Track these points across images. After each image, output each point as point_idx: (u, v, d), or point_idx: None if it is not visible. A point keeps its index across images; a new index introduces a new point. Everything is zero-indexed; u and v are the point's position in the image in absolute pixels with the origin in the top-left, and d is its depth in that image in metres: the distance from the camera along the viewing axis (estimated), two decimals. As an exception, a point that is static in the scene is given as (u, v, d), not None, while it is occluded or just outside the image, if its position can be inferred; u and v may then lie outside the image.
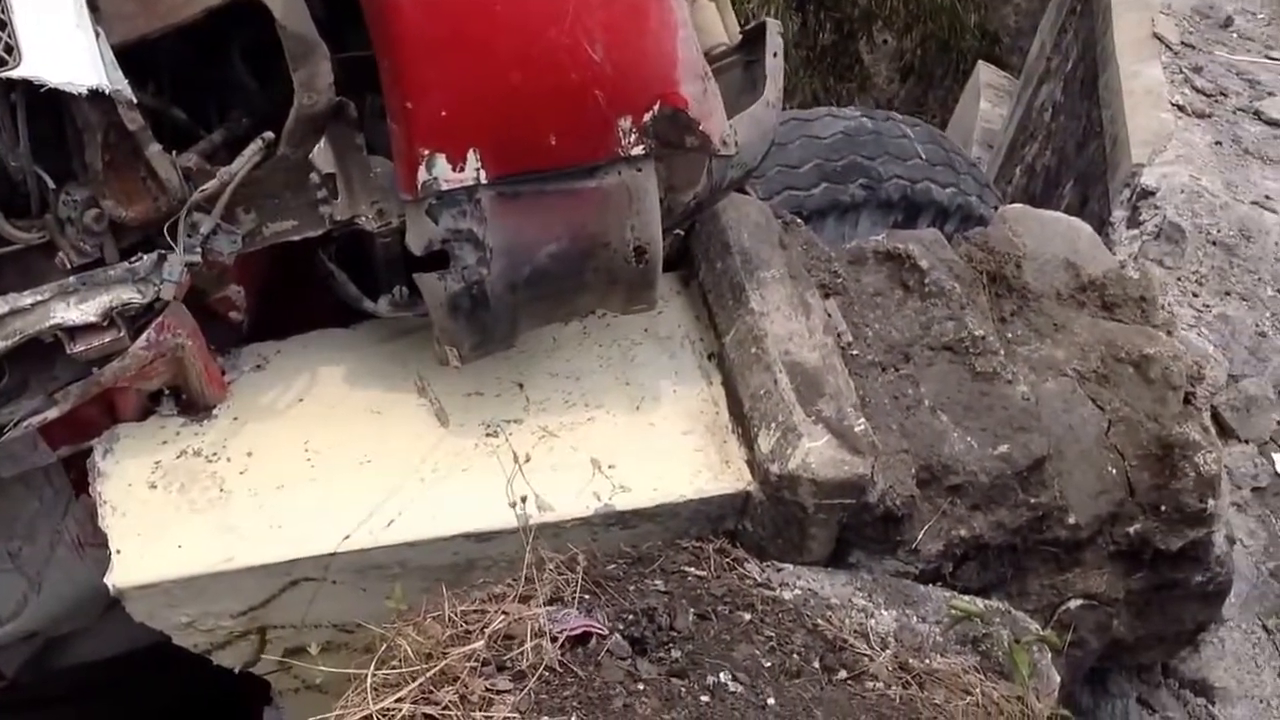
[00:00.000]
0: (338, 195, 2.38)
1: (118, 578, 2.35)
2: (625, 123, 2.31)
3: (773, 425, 2.53)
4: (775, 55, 2.63)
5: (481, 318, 2.43)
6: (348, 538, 2.39)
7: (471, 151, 2.27)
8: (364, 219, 2.40)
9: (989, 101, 10.10)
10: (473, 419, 2.63)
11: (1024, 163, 6.55)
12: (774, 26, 2.70)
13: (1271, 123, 4.75)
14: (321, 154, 2.35)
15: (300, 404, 2.62)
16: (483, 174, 2.28)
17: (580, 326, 2.78)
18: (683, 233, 2.84)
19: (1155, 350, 2.93)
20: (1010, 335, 2.96)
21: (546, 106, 2.26)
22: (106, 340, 2.25)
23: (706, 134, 2.38)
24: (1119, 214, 4.18)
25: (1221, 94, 4.89)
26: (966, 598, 2.59)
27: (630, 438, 2.62)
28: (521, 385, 2.69)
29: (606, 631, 2.20)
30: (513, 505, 2.37)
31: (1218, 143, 4.47)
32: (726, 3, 2.99)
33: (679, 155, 2.42)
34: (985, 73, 11.18)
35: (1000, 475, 2.67)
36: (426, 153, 2.24)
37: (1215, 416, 3.44)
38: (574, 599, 2.26)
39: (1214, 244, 3.92)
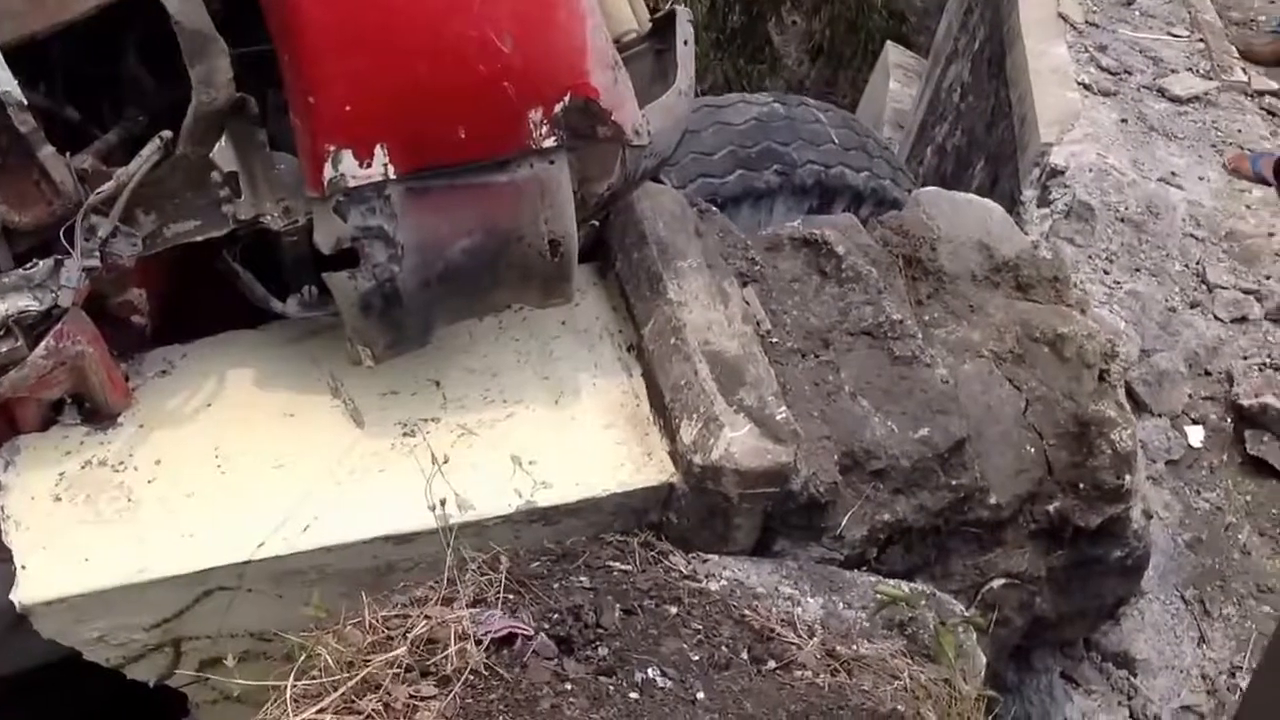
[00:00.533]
0: (241, 194, 2.31)
1: (23, 594, 2.27)
2: (536, 115, 2.27)
3: (694, 416, 2.51)
4: (686, 43, 2.60)
5: (394, 316, 2.38)
6: (262, 545, 2.33)
7: (379, 147, 2.21)
8: (269, 218, 2.33)
9: (898, 82, 10.18)
10: (388, 419, 2.57)
11: (935, 143, 6.59)
12: (683, 14, 2.67)
13: (1175, 99, 4.82)
14: (223, 152, 2.27)
15: (209, 409, 2.54)
16: (391, 169, 2.23)
17: (496, 322, 2.74)
18: (598, 223, 2.80)
19: (1069, 329, 2.95)
20: (927, 318, 2.96)
21: (455, 99, 2.21)
22: (3, 350, 2.17)
23: (619, 124, 2.34)
24: (1029, 193, 4.22)
25: (1126, 72, 4.95)
26: (892, 582, 2.59)
27: (551, 433, 2.58)
28: (438, 383, 2.64)
29: (532, 632, 2.16)
30: (432, 507, 2.32)
31: (1124, 120, 4.53)
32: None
33: (592, 146, 2.38)
34: (894, 53, 11.27)
35: (921, 459, 2.67)
36: (332, 149, 2.18)
37: (1129, 392, 3.47)
38: (497, 599, 2.22)
39: (1123, 221, 3.96)
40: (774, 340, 2.71)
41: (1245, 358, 3.61)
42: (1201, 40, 5.48)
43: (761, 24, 14.47)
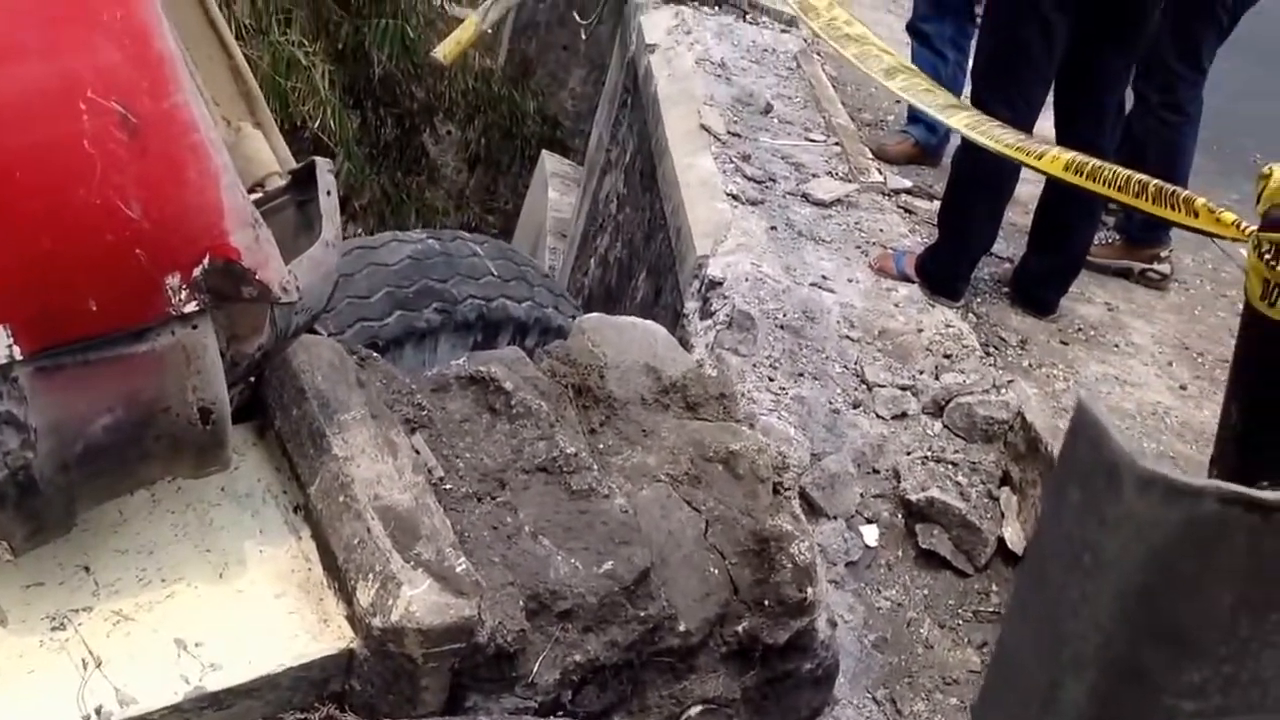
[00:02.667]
0: None
1: None
2: (174, 280, 2.13)
3: (371, 576, 2.39)
4: (329, 194, 2.52)
5: (32, 505, 2.17)
6: (-110, 775, 2.08)
7: (1, 328, 2.03)
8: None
9: (557, 191, 10.35)
10: (35, 613, 2.35)
11: (598, 254, 6.69)
12: (323, 165, 2.59)
13: (819, 204, 5.04)
14: None
15: None
16: (16, 350, 2.04)
17: (149, 494, 2.55)
18: (254, 379, 2.67)
19: (740, 445, 2.99)
20: (602, 446, 2.94)
21: (83, 271, 2.05)
22: None
23: (264, 282, 2.23)
24: (691, 305, 4.30)
25: (771, 179, 5.15)
26: (588, 726, 2.53)
27: (217, 609, 2.41)
28: (88, 568, 2.43)
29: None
30: (86, 717, 2.12)
31: (773, 228, 4.69)
32: (273, 127, 2.86)
33: (238, 307, 2.26)
34: (550, 162, 11.47)
35: (608, 593, 2.63)
36: (-52, 333, 1.99)
37: (804, 497, 3.56)
38: (167, 804, 2.04)
39: (782, 328, 4.08)
40: (448, 487, 2.63)
41: (909, 453, 3.75)
42: (838, 144, 5.78)
43: (416, 135, 14.51)
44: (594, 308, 6.36)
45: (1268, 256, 2.43)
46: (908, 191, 5.50)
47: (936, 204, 4.92)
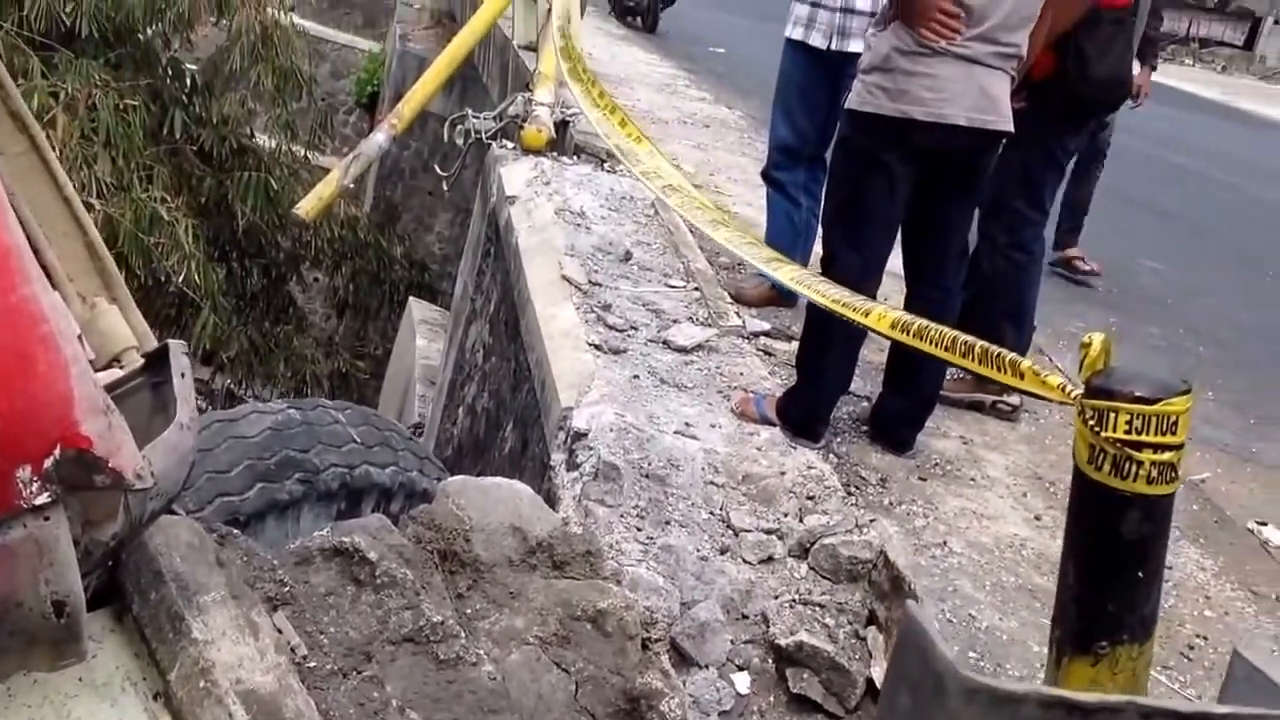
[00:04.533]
0: None
1: None
2: (24, 472, 2.11)
3: (233, 761, 2.35)
4: (183, 375, 2.52)
5: (-125, 708, 2.11)
6: None
7: None
8: None
9: (425, 338, 10.37)
10: (-121, 821, 2.26)
11: (466, 403, 6.70)
12: (177, 347, 2.59)
13: (680, 350, 5.12)
14: None
15: None
16: None
17: (4, 689, 2.47)
18: (110, 563, 2.63)
19: (608, 603, 3.00)
20: (470, 611, 2.94)
21: (-70, 468, 2.03)
22: None
23: (118, 470, 2.22)
24: (558, 457, 4.33)
25: (633, 328, 5.23)
26: None
27: (74, 806, 2.35)
28: (-64, 770, 2.35)
29: None
30: None
31: (635, 376, 4.76)
32: (129, 301, 2.86)
33: (91, 495, 2.24)
34: (417, 309, 11.51)
35: (479, 764, 2.61)
36: None
37: (675, 647, 3.57)
38: None
39: (647, 477, 4.12)
40: (312, 665, 2.60)
41: (776, 597, 3.79)
42: (697, 289, 5.90)
43: (283, 284, 14.46)
44: (464, 458, 6.35)
45: (1092, 423, 2.53)
46: (766, 334, 5.62)
47: (795, 345, 5.03)
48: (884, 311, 3.57)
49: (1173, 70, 28.06)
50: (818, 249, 5.13)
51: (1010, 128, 4.45)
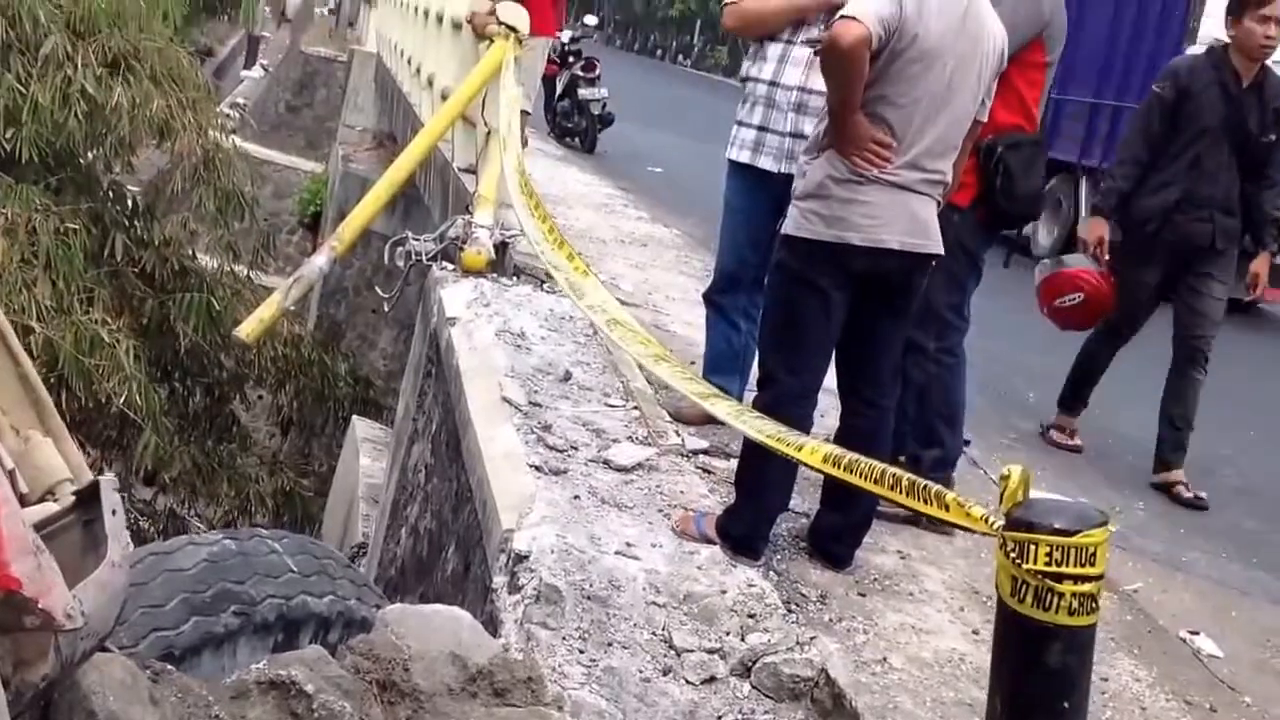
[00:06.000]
0: None
1: None
2: (-44, 615, 2.11)
3: None
4: (114, 513, 2.53)
5: None
6: None
7: None
8: None
9: (369, 457, 10.34)
10: None
11: (408, 524, 6.68)
12: (108, 484, 2.61)
13: (621, 469, 5.16)
14: None
15: None
16: None
17: (-69, 833, 2.44)
18: (42, 703, 2.60)
19: (540, 731, 3.00)
20: (409, 741, 2.93)
21: None
22: None
23: (48, 611, 2.23)
24: (499, 580, 4.33)
25: (573, 448, 5.27)
26: None
27: None
28: None
29: None
30: None
31: (576, 497, 4.79)
32: (64, 433, 2.86)
33: (21, 635, 2.24)
34: (361, 427, 11.47)
35: None
36: None
37: (621, 772, 3.56)
38: None
39: (589, 598, 4.13)
40: (250, 802, 2.58)
41: (720, 717, 3.80)
42: (636, 408, 5.96)
43: (226, 404, 14.36)
44: (407, 580, 6.32)
45: (1013, 555, 2.59)
46: (705, 452, 5.67)
47: (734, 462, 5.08)
48: (815, 446, 3.65)
49: None
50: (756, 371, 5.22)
51: (940, 250, 4.62)
